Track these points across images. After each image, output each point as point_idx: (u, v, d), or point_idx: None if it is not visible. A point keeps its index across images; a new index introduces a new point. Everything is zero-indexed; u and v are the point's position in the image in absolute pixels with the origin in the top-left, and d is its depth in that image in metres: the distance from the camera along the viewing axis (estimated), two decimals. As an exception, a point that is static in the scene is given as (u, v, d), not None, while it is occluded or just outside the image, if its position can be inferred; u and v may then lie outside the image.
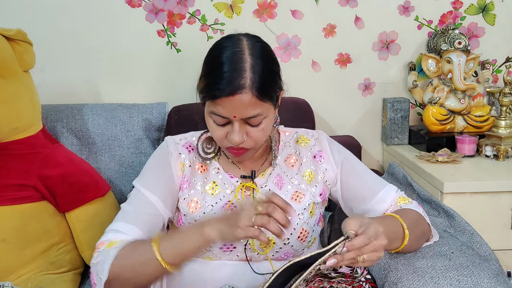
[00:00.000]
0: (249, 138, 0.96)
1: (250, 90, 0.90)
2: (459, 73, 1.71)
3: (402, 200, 1.08)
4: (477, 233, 1.16)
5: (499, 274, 0.99)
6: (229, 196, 1.04)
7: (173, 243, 0.89)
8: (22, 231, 1.20)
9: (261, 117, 0.94)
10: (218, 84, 0.91)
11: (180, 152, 1.07)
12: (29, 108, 1.27)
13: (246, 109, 0.92)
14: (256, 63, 0.92)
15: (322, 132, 1.16)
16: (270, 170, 1.08)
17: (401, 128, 1.81)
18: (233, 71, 0.90)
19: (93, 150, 1.50)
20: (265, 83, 0.92)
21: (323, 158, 1.10)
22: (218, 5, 1.74)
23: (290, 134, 1.15)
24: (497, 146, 1.59)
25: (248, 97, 0.90)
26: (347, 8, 1.78)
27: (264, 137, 0.99)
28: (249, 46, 0.94)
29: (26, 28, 1.30)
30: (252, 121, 0.94)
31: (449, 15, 1.81)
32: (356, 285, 0.94)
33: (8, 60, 1.21)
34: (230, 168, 1.08)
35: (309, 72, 1.82)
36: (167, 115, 1.58)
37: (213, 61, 0.95)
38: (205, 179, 1.06)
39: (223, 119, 0.94)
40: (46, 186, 1.24)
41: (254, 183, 1.05)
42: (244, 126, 0.95)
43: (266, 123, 0.97)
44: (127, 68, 1.76)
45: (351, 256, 0.81)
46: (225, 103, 0.91)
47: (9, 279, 1.18)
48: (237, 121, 0.93)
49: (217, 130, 0.97)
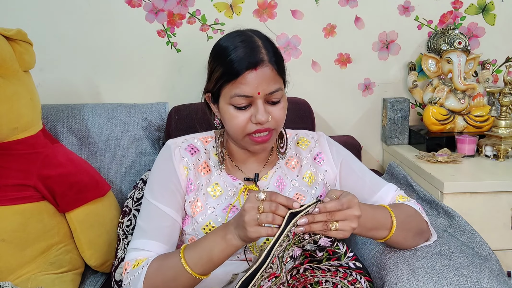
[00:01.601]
0: (272, 119, 0.98)
1: (270, 63, 0.95)
2: (459, 73, 1.71)
3: (401, 198, 1.08)
4: (477, 233, 1.16)
5: (499, 274, 0.99)
6: (230, 199, 1.04)
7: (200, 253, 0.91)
8: (22, 231, 1.20)
9: (281, 92, 0.98)
10: (239, 61, 0.94)
11: (183, 156, 1.06)
12: (29, 108, 1.27)
13: (269, 83, 0.95)
14: (266, 44, 0.98)
15: (322, 133, 1.16)
16: (271, 172, 1.08)
17: (401, 128, 1.81)
18: (251, 49, 0.95)
19: (93, 150, 1.50)
20: (279, 59, 0.98)
21: (323, 160, 1.10)
22: (218, 5, 1.74)
23: (290, 136, 1.15)
24: (497, 146, 1.59)
25: (269, 70, 0.95)
26: (347, 8, 1.78)
27: (284, 118, 1.01)
28: (253, 32, 1.01)
29: (26, 28, 1.30)
30: (274, 97, 0.96)
31: (449, 15, 1.81)
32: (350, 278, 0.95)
33: (8, 60, 1.21)
34: (233, 171, 1.08)
35: (309, 72, 1.82)
36: (167, 115, 1.58)
37: (226, 49, 0.97)
38: (208, 181, 1.06)
39: (247, 99, 0.95)
40: (46, 186, 1.24)
41: (257, 186, 1.05)
42: (266, 105, 0.97)
43: (284, 102, 1.00)
44: (127, 68, 1.76)
45: (322, 218, 0.83)
46: (249, 78, 0.94)
47: (9, 279, 1.18)
48: (261, 98, 0.95)
49: (238, 116, 0.97)
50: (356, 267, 0.97)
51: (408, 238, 1.02)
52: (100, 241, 1.31)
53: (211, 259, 0.90)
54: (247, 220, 0.83)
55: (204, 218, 1.02)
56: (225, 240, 0.88)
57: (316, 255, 0.96)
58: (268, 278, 0.86)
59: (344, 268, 0.97)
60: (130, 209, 1.31)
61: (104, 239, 1.32)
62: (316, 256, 0.96)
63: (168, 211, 1.02)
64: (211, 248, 0.90)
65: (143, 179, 1.36)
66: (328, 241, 0.94)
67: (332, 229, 0.84)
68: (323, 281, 0.94)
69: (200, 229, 1.02)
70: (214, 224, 1.01)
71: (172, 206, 1.03)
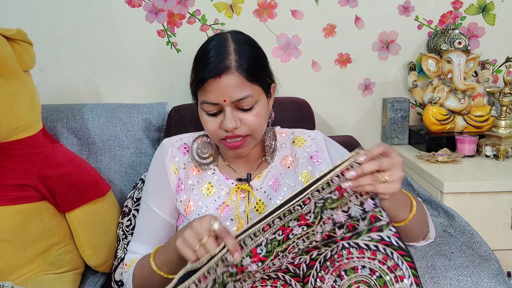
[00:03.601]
0: (243, 125, 0.95)
1: (236, 70, 0.91)
2: (459, 73, 1.71)
3: None
4: (477, 233, 1.15)
5: (499, 274, 0.99)
6: (224, 198, 1.03)
7: (163, 255, 0.93)
8: (22, 231, 1.20)
9: (251, 99, 0.93)
10: (204, 68, 0.93)
11: (175, 155, 1.07)
12: (29, 108, 1.27)
13: (235, 90, 0.91)
14: (240, 47, 0.94)
15: (318, 132, 1.15)
16: (265, 172, 1.06)
17: (401, 128, 1.81)
18: (218, 55, 0.93)
19: (93, 150, 1.50)
20: (252, 64, 0.93)
21: (320, 159, 1.09)
22: (218, 5, 1.74)
23: (286, 135, 1.14)
24: (497, 146, 1.59)
25: (235, 77, 0.91)
26: (347, 8, 1.78)
27: (261, 125, 0.97)
28: (232, 36, 0.98)
29: (26, 28, 1.30)
30: (243, 103, 0.93)
31: (449, 15, 1.81)
32: (391, 264, 0.82)
33: (8, 60, 1.21)
34: (226, 171, 1.07)
35: (309, 72, 1.82)
36: (167, 115, 1.58)
37: (200, 53, 0.98)
38: (200, 180, 1.05)
39: (214, 106, 0.94)
40: (46, 186, 1.24)
41: (249, 186, 1.04)
42: (236, 112, 0.94)
43: (260, 108, 0.96)
44: (127, 68, 1.76)
45: (371, 167, 0.76)
46: (213, 87, 0.92)
47: (9, 279, 1.18)
48: (228, 105, 0.93)
49: (209, 122, 0.96)
50: (399, 246, 0.82)
51: (420, 223, 0.98)
52: (100, 241, 1.31)
53: (171, 261, 0.90)
54: (189, 232, 0.79)
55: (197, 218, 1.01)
56: (175, 242, 0.86)
57: (358, 225, 0.84)
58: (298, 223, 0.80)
59: (385, 245, 0.82)
60: (130, 209, 1.31)
61: (104, 239, 1.32)
62: (357, 227, 0.84)
63: (160, 213, 1.03)
64: (169, 250, 0.91)
65: (143, 179, 1.36)
66: (372, 203, 0.82)
67: (382, 181, 0.76)
68: (359, 267, 0.83)
69: None
70: None
71: (165, 207, 1.04)
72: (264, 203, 1.03)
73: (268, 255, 0.81)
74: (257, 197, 1.03)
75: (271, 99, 1.03)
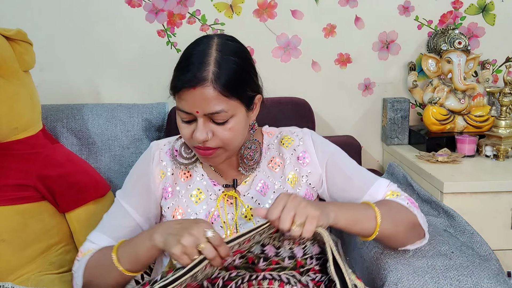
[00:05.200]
0: (215, 137, 0.93)
1: (212, 83, 0.88)
2: (459, 73, 1.71)
3: (390, 195, 1.03)
4: (477, 233, 1.15)
5: (499, 274, 0.99)
6: (212, 204, 1.01)
7: (129, 249, 0.91)
8: (22, 231, 1.20)
9: (225, 114, 0.90)
10: (181, 76, 0.91)
11: (162, 159, 1.05)
12: (29, 108, 1.27)
13: (208, 103, 0.89)
14: (222, 59, 0.90)
15: (307, 130, 1.10)
16: (252, 176, 1.04)
17: (401, 128, 1.81)
18: (197, 63, 0.90)
19: (93, 150, 1.50)
20: (231, 78, 0.90)
21: (307, 160, 1.05)
22: (218, 5, 1.74)
23: (274, 135, 1.09)
24: (497, 146, 1.59)
25: (210, 91, 0.88)
26: (347, 8, 1.78)
27: (234, 139, 0.95)
28: (218, 43, 0.93)
29: (26, 28, 1.30)
30: (216, 117, 0.90)
31: (449, 15, 1.81)
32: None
33: (8, 60, 1.21)
34: (213, 176, 1.05)
35: (309, 72, 1.82)
36: (167, 115, 1.58)
37: (183, 55, 0.96)
38: (188, 187, 1.03)
39: (188, 115, 0.92)
40: (46, 186, 1.24)
41: (236, 192, 1.02)
42: (209, 123, 0.92)
43: (235, 122, 0.93)
44: (127, 68, 1.76)
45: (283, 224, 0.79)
46: (187, 96, 0.90)
47: (9, 279, 1.18)
48: (201, 117, 0.90)
49: (184, 128, 0.95)
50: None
51: (399, 231, 0.97)
52: (100, 241, 1.31)
53: (137, 257, 0.89)
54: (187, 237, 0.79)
55: None
56: (150, 239, 0.87)
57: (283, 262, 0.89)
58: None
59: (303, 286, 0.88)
60: (130, 209, 1.31)
61: (104, 239, 1.32)
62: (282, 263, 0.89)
63: (131, 212, 1.02)
64: (138, 245, 0.90)
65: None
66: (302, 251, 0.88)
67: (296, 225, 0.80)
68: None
69: None
70: None
71: (138, 208, 1.03)
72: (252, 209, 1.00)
73: None
74: (245, 203, 1.01)
75: (255, 111, 1.00)
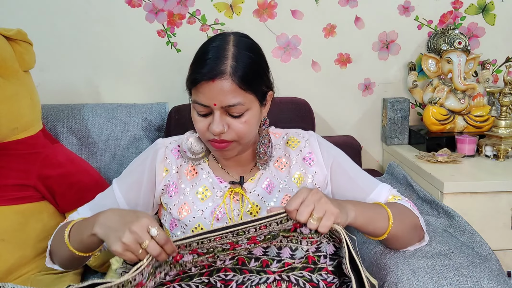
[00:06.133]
0: (231, 130, 0.95)
1: (230, 76, 0.91)
2: (459, 73, 1.71)
3: (392, 199, 1.06)
4: (477, 233, 1.15)
5: (499, 274, 0.99)
6: (218, 201, 1.03)
7: (77, 230, 0.94)
8: (22, 231, 1.20)
9: (242, 107, 0.93)
10: (200, 69, 0.93)
11: (167, 157, 1.06)
12: (29, 108, 1.27)
13: (226, 96, 0.91)
14: (239, 53, 0.94)
15: (312, 133, 1.13)
16: (259, 174, 1.06)
17: (401, 128, 1.81)
18: (215, 58, 0.93)
19: (93, 150, 1.50)
20: (248, 72, 0.93)
21: (313, 161, 1.07)
22: (218, 5, 1.74)
23: (280, 136, 1.12)
24: (497, 146, 1.59)
25: (228, 83, 0.91)
26: (347, 8, 1.78)
27: (249, 132, 0.97)
28: (235, 39, 0.96)
29: (26, 28, 1.30)
30: (233, 110, 0.93)
31: (449, 15, 1.81)
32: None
33: (8, 60, 1.21)
34: (220, 173, 1.06)
35: (309, 72, 1.82)
36: (167, 115, 1.58)
37: (200, 51, 0.98)
38: (194, 184, 1.05)
39: (205, 108, 0.94)
40: (46, 186, 1.24)
41: (243, 189, 1.04)
42: (225, 116, 0.94)
43: (250, 116, 0.96)
44: (127, 68, 1.76)
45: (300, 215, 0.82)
46: (205, 89, 0.92)
47: (9, 279, 1.18)
48: (218, 109, 0.93)
49: (199, 121, 0.97)
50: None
51: (405, 231, 1.00)
52: (100, 241, 1.31)
53: (81, 239, 0.92)
54: (127, 234, 0.80)
55: (193, 221, 1.01)
56: (92, 227, 0.87)
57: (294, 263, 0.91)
58: None
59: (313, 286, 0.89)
60: (130, 209, 1.31)
61: (104, 239, 1.32)
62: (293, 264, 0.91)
63: (118, 196, 1.04)
64: (83, 229, 0.92)
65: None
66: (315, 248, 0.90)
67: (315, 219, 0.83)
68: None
69: (189, 231, 1.01)
70: (203, 226, 1.01)
71: (126, 194, 1.05)
72: (258, 206, 1.02)
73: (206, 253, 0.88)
74: (251, 200, 1.03)
75: (266, 107, 1.03)
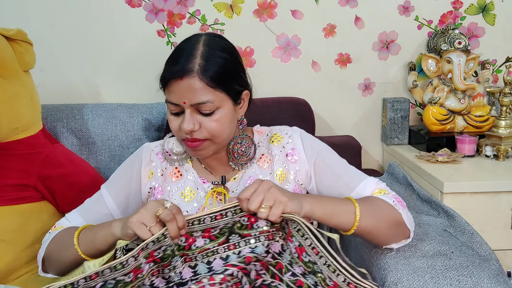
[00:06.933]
0: (202, 129, 0.96)
1: (198, 74, 0.93)
2: (459, 73, 1.71)
3: (378, 193, 1.03)
4: (477, 233, 1.15)
5: (499, 274, 0.98)
6: (202, 201, 1.03)
7: (90, 234, 0.95)
8: (22, 231, 1.20)
9: (211, 105, 0.94)
10: (170, 68, 0.96)
11: (152, 160, 1.08)
12: (29, 108, 1.27)
13: (195, 94, 0.93)
14: (209, 52, 0.95)
15: (296, 128, 1.11)
16: (241, 173, 1.06)
17: (401, 128, 1.81)
18: (184, 57, 0.95)
19: (93, 150, 1.50)
20: (217, 70, 0.94)
21: (296, 157, 1.06)
22: (218, 5, 1.74)
23: (264, 133, 1.12)
24: (497, 146, 1.59)
25: (196, 81, 0.93)
26: (347, 8, 1.78)
27: (222, 131, 0.97)
28: (206, 39, 0.98)
29: (26, 28, 1.30)
30: (203, 108, 0.94)
31: (449, 15, 1.81)
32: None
33: (8, 60, 1.21)
34: (203, 174, 1.07)
35: (309, 72, 1.82)
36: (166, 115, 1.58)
37: (172, 51, 1.01)
38: (179, 186, 1.06)
39: (176, 106, 0.96)
40: (46, 186, 1.24)
41: (225, 188, 1.04)
42: (196, 115, 0.96)
43: (221, 114, 0.96)
44: (127, 68, 1.76)
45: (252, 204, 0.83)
46: (175, 87, 0.94)
47: (9, 279, 1.18)
48: (188, 107, 0.95)
49: (172, 120, 0.99)
50: None
51: (381, 227, 0.96)
52: (100, 241, 1.31)
53: (94, 241, 0.92)
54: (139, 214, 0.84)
55: None
56: (110, 226, 0.90)
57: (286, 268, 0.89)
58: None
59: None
60: (130, 209, 1.32)
61: (104, 239, 1.32)
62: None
63: (108, 201, 1.05)
64: (98, 230, 0.93)
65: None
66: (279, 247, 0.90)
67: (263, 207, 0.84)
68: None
69: None
70: None
71: (115, 198, 1.06)
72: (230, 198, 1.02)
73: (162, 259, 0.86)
74: None
75: (243, 106, 1.03)
